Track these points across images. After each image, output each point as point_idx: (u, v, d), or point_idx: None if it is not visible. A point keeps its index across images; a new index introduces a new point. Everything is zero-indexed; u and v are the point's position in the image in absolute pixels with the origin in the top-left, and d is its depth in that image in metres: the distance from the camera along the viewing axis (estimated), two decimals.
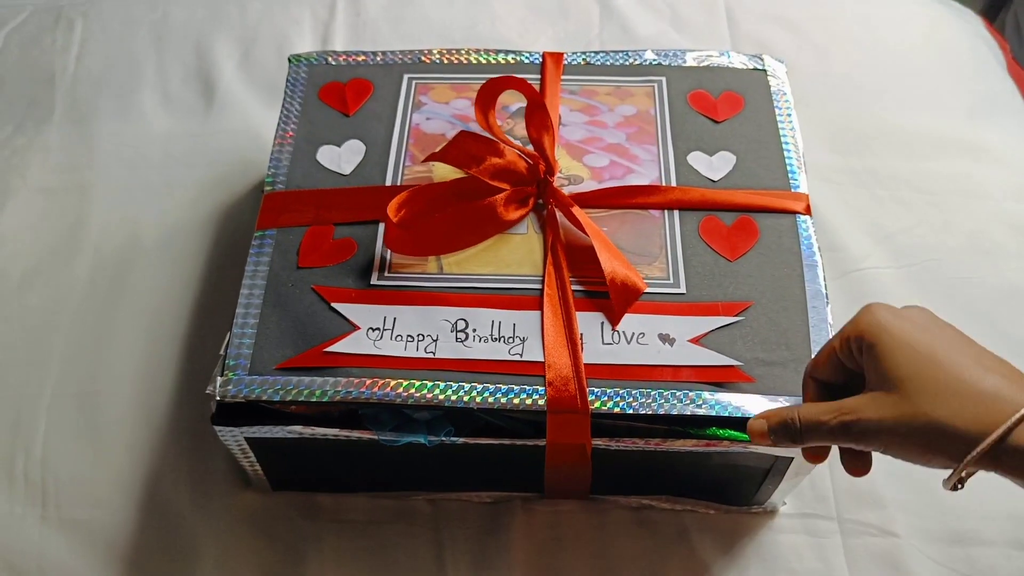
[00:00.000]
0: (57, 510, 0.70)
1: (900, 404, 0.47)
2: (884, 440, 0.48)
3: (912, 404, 0.47)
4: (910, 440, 0.47)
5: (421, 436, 0.59)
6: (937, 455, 0.47)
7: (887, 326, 0.49)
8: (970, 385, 0.46)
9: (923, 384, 0.47)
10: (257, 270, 0.65)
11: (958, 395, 0.46)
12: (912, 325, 0.49)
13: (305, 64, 0.77)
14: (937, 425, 0.46)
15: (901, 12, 1.04)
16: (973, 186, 0.87)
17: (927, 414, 0.46)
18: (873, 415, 0.48)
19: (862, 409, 0.48)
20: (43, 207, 0.86)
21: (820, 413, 0.50)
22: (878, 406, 0.48)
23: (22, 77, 0.97)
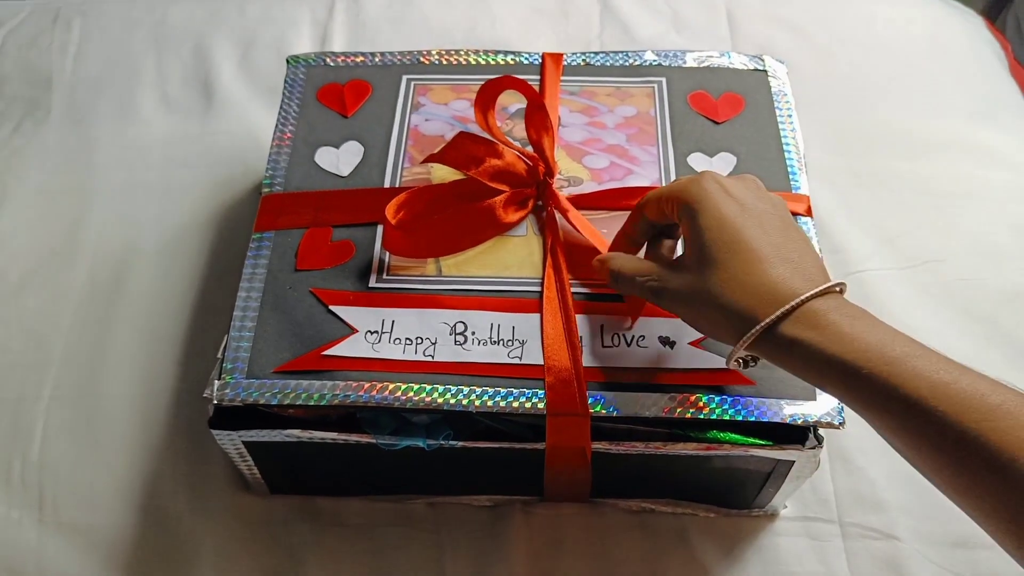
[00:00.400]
0: (55, 513, 0.70)
1: (697, 282, 0.51)
2: (681, 311, 0.54)
3: (706, 284, 0.51)
4: (702, 316, 0.52)
5: (420, 440, 0.59)
6: (722, 333, 0.52)
7: (712, 199, 0.52)
8: (759, 274, 0.49)
9: (720, 267, 0.50)
10: (255, 272, 0.64)
11: (745, 282, 0.49)
12: (732, 205, 0.52)
13: (303, 65, 0.77)
14: (722, 306, 0.50)
15: (903, 13, 1.03)
16: (975, 187, 0.87)
17: (717, 296, 0.50)
18: (674, 285, 0.53)
19: (668, 278, 0.54)
20: (41, 208, 0.86)
21: (637, 271, 0.56)
22: (681, 279, 0.53)
23: (20, 78, 0.97)
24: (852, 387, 0.47)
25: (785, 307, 0.48)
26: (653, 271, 0.55)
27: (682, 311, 0.54)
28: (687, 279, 0.52)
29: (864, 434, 0.71)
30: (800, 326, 0.48)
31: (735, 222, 0.51)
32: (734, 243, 0.50)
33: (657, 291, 0.54)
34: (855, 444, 0.71)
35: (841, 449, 0.71)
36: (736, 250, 0.50)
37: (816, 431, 0.58)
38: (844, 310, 0.48)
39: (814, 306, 0.48)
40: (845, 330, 0.47)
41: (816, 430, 0.58)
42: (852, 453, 0.71)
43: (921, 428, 0.45)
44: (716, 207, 0.52)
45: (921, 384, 0.44)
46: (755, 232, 0.51)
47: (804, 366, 0.48)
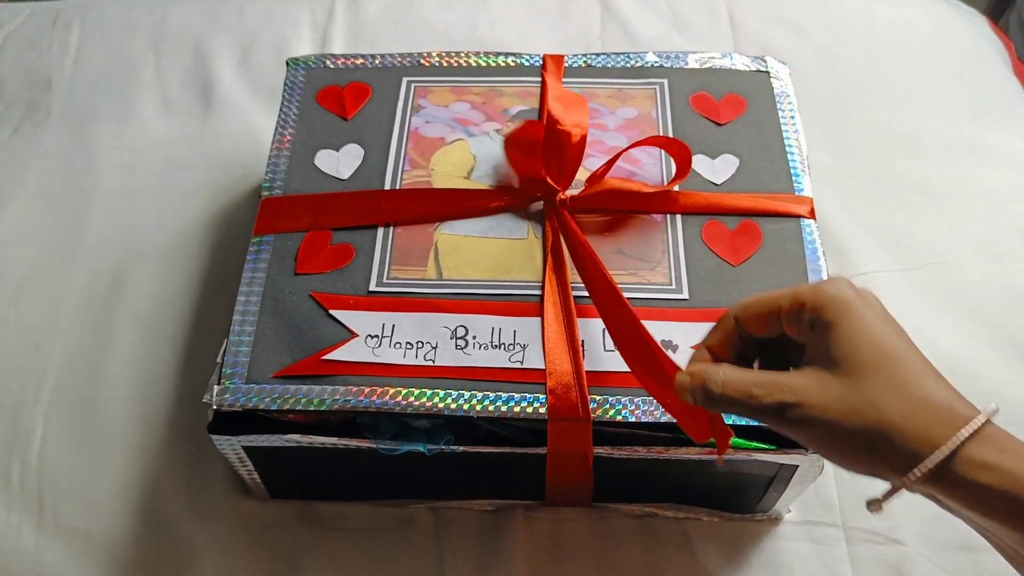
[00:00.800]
0: (53, 517, 0.69)
1: (851, 394, 0.41)
2: (821, 432, 0.42)
3: (866, 397, 0.40)
4: (851, 439, 0.41)
5: (420, 445, 0.59)
6: (878, 462, 0.41)
7: (852, 307, 0.43)
8: (929, 391, 0.41)
9: (882, 378, 0.41)
10: (254, 276, 0.64)
11: (915, 399, 0.40)
12: (876, 314, 0.43)
13: (303, 67, 0.76)
14: (888, 426, 0.40)
15: (905, 13, 1.03)
16: (978, 188, 0.86)
17: (880, 411, 0.40)
18: (818, 400, 0.41)
19: (806, 391, 0.42)
20: (40, 211, 0.86)
21: (751, 384, 0.43)
22: (824, 391, 0.42)
23: (19, 80, 0.97)
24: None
25: (972, 426, 0.39)
26: (776, 384, 0.43)
27: (823, 432, 0.42)
28: (834, 391, 0.41)
29: None
30: (987, 449, 0.39)
31: (886, 330, 0.43)
32: (893, 355, 0.42)
33: (786, 407, 0.42)
34: None
35: None
36: (898, 363, 0.41)
37: None
38: (1009, 438, 0.40)
39: (991, 429, 0.40)
40: (1012, 462, 0.39)
41: None
42: None
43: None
44: (863, 315, 0.43)
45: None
46: (909, 347, 0.43)
47: (984, 498, 0.39)
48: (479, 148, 0.71)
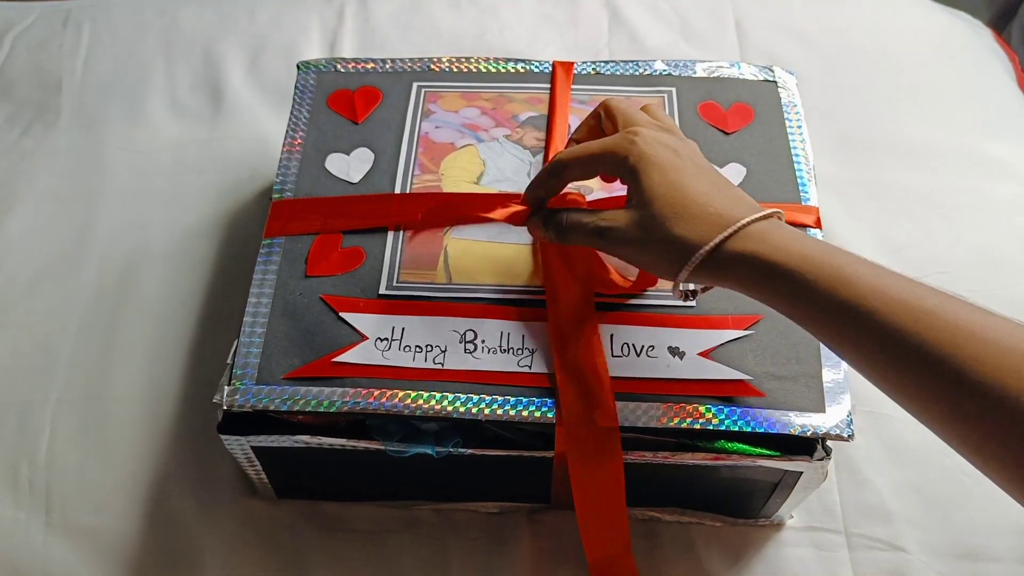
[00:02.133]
0: (62, 516, 0.70)
1: (642, 218, 0.53)
2: (630, 249, 0.55)
3: (652, 218, 0.53)
4: (650, 251, 0.54)
5: (428, 447, 0.59)
6: (666, 264, 0.53)
7: (650, 156, 0.54)
8: (703, 206, 0.52)
9: (664, 202, 0.53)
10: (265, 278, 0.64)
11: (692, 215, 0.52)
12: (668, 153, 0.55)
13: (314, 71, 0.77)
14: (671, 238, 0.52)
15: (911, 24, 1.03)
16: (983, 199, 0.87)
17: (662, 226, 0.52)
18: (622, 225, 0.54)
19: (617, 220, 0.55)
20: (50, 212, 0.86)
21: (583, 215, 0.57)
22: (628, 219, 0.54)
23: (30, 81, 0.97)
24: (796, 294, 0.49)
25: (732, 227, 0.51)
26: (600, 215, 0.56)
27: (631, 249, 0.55)
28: (634, 219, 0.54)
29: (872, 444, 0.72)
30: (745, 241, 0.51)
31: (675, 166, 0.54)
32: (677, 183, 0.53)
33: (602, 231, 0.55)
34: (862, 455, 0.72)
35: (848, 460, 0.71)
36: (680, 187, 0.53)
37: (824, 443, 0.58)
38: (785, 228, 0.52)
39: (758, 226, 0.51)
40: (788, 242, 0.50)
41: (824, 442, 0.58)
42: (859, 464, 0.71)
43: (862, 330, 0.47)
44: (654, 158, 0.54)
45: (862, 287, 0.47)
46: (694, 172, 0.54)
47: (748, 280, 0.51)
48: (489, 153, 0.71)
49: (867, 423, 0.72)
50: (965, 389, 0.44)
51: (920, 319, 0.45)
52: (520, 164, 0.71)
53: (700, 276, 0.53)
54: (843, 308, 0.47)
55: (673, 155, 0.55)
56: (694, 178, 0.54)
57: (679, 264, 0.52)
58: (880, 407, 0.73)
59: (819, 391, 0.59)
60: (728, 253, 0.51)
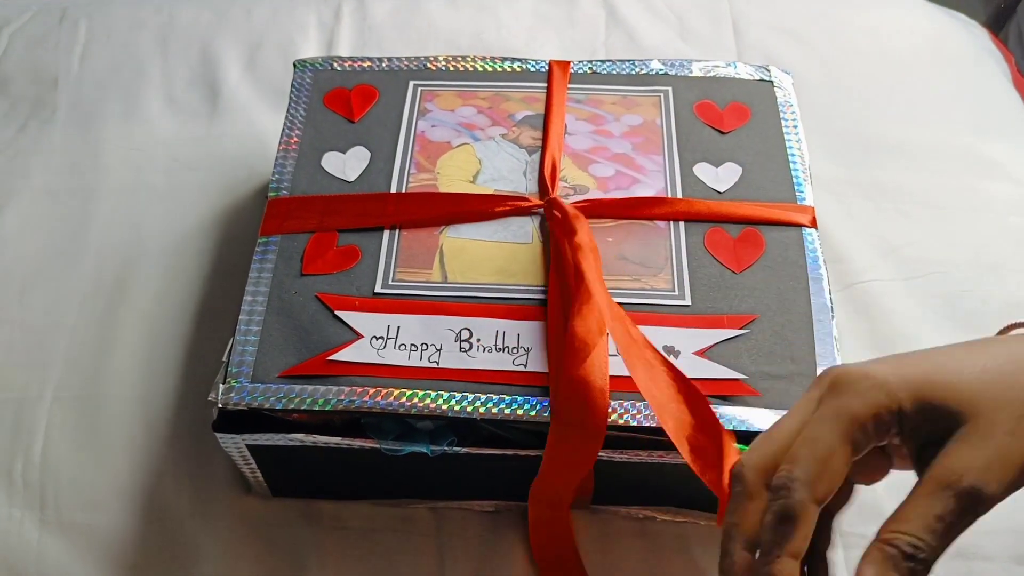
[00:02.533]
0: (56, 513, 0.70)
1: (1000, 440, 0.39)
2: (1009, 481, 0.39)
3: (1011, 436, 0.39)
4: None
5: (424, 446, 0.59)
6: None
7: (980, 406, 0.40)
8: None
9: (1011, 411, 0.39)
10: (260, 277, 0.64)
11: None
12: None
13: (310, 69, 0.77)
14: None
15: (907, 24, 1.03)
16: (979, 200, 0.87)
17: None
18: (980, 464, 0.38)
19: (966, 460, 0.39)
20: (46, 209, 0.86)
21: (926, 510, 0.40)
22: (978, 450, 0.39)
23: (26, 77, 0.97)
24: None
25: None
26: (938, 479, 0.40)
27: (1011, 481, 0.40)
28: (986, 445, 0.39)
29: None
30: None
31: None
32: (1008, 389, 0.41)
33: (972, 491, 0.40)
34: None
35: None
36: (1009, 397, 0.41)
37: None
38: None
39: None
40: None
41: None
42: None
43: None
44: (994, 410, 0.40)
45: None
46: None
47: None
48: (485, 152, 0.71)
49: None
50: None
51: None
52: (516, 163, 0.71)
53: None
54: None
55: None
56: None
57: None
58: None
59: None
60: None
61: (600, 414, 0.58)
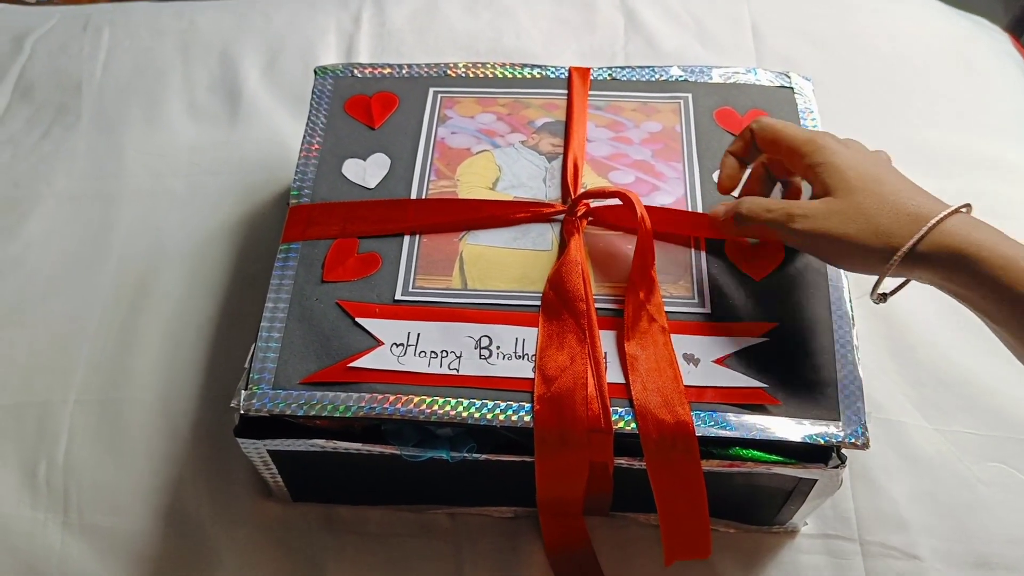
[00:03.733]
0: (79, 516, 0.70)
1: (846, 207, 0.56)
2: (823, 239, 0.56)
3: (857, 209, 0.55)
4: (847, 242, 0.55)
5: (443, 452, 0.59)
6: (870, 258, 0.55)
7: (837, 150, 0.58)
8: (905, 199, 0.55)
9: (867, 194, 0.56)
10: (282, 284, 0.65)
11: (894, 204, 0.55)
12: (857, 152, 0.59)
13: (331, 76, 0.77)
14: (875, 228, 0.54)
15: (928, 29, 1.03)
16: (1000, 206, 0.86)
17: (868, 218, 0.55)
18: (819, 212, 0.56)
19: (810, 207, 0.57)
20: (69, 214, 0.87)
21: (767, 204, 0.60)
22: (824, 206, 0.57)
23: (50, 84, 0.98)
24: (997, 294, 0.51)
25: (932, 221, 0.53)
26: (788, 204, 0.59)
27: (822, 239, 0.57)
28: (831, 205, 0.56)
29: (886, 452, 0.72)
30: (943, 236, 0.53)
31: (868, 163, 0.58)
32: (874, 177, 0.56)
33: (795, 217, 0.57)
34: (877, 462, 0.71)
35: (863, 467, 0.71)
36: (876, 180, 0.56)
37: (839, 450, 0.58)
38: (977, 224, 0.54)
39: (952, 221, 0.53)
40: (983, 238, 0.52)
41: (839, 449, 0.58)
42: (874, 471, 0.71)
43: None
44: (844, 152, 0.58)
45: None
46: (885, 169, 0.58)
47: (944, 273, 0.53)
48: (504, 159, 0.71)
49: (882, 431, 0.72)
50: None
51: None
52: (536, 170, 0.71)
53: (897, 270, 0.55)
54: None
55: (861, 151, 0.60)
56: (889, 173, 0.57)
57: (883, 258, 0.54)
58: (895, 415, 0.74)
59: (834, 399, 0.59)
60: (926, 248, 0.53)
61: (579, 423, 0.58)
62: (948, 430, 0.73)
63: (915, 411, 0.74)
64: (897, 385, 0.75)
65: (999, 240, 0.52)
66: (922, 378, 0.75)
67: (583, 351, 0.60)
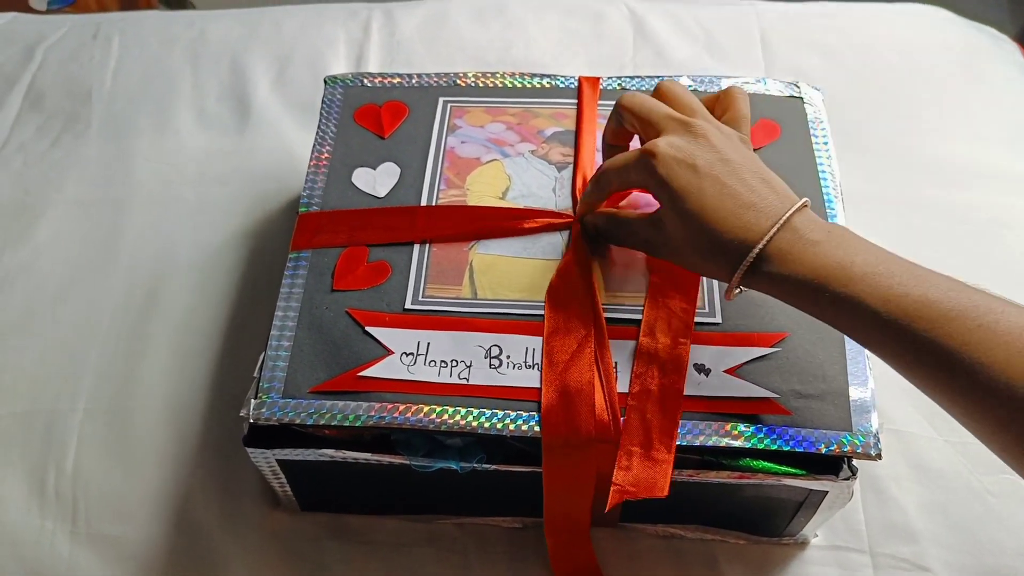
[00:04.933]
0: (87, 525, 0.70)
1: (679, 220, 0.55)
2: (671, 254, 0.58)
3: (679, 252, 0.57)
4: (694, 255, 0.56)
5: (453, 463, 0.59)
6: (716, 270, 0.55)
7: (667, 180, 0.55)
8: (721, 235, 0.53)
9: (687, 239, 0.55)
10: (292, 292, 0.65)
11: (713, 248, 0.54)
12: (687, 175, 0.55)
13: (341, 86, 0.77)
14: (716, 242, 0.54)
15: (937, 39, 1.03)
16: (1010, 217, 0.86)
17: (690, 261, 0.56)
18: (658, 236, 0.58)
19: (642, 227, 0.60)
20: (78, 222, 0.87)
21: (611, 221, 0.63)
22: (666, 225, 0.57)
23: (60, 92, 0.98)
24: (824, 307, 0.52)
25: (748, 259, 0.53)
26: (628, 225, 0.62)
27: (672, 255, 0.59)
28: (673, 225, 0.56)
29: (897, 463, 0.72)
30: (772, 263, 0.53)
31: (692, 189, 0.55)
32: (696, 212, 0.54)
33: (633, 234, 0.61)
34: (887, 473, 0.71)
35: (873, 478, 0.71)
36: (699, 216, 0.54)
37: (850, 462, 0.58)
38: (808, 236, 0.53)
39: (779, 241, 0.52)
40: (808, 257, 0.52)
41: (850, 461, 0.58)
42: (884, 483, 0.71)
43: (882, 339, 0.50)
44: (674, 183, 0.55)
45: (875, 300, 0.49)
46: (713, 191, 0.54)
47: (785, 297, 0.54)
48: (514, 169, 0.71)
49: (893, 442, 0.72)
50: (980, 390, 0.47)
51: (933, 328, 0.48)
52: (545, 179, 0.71)
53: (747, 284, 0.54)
54: (863, 321, 0.50)
55: (691, 174, 0.55)
56: (713, 199, 0.54)
57: (726, 266, 0.54)
58: (906, 426, 0.73)
59: (846, 409, 0.59)
60: (761, 274, 0.53)
61: (584, 430, 0.58)
62: (958, 442, 0.72)
63: (925, 422, 0.74)
64: (908, 396, 0.75)
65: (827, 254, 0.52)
66: None
67: (590, 347, 0.60)
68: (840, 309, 0.51)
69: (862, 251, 0.52)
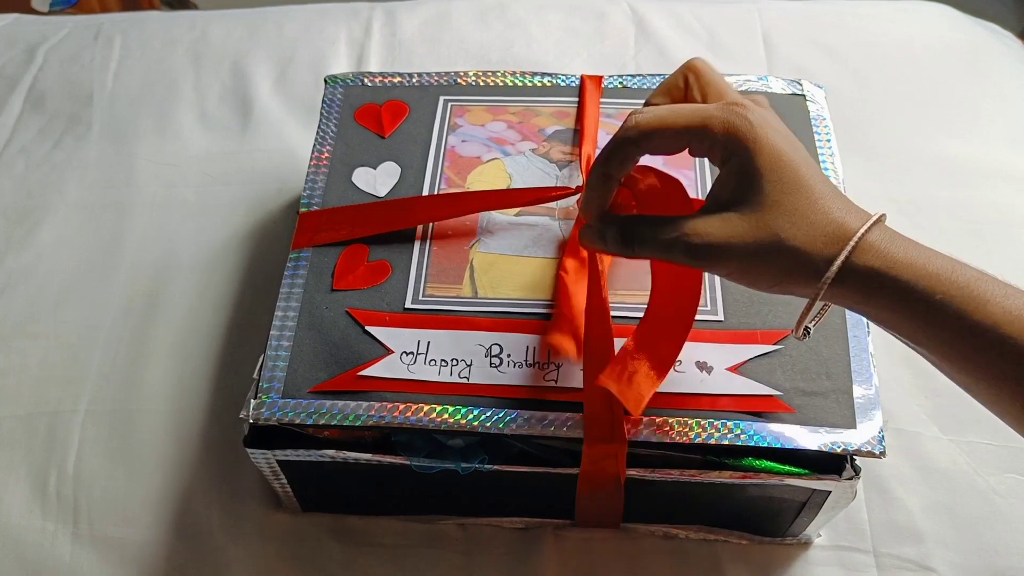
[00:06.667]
0: (89, 527, 0.70)
1: (755, 229, 0.46)
2: (733, 265, 0.47)
3: (770, 229, 0.46)
4: (760, 266, 0.47)
5: (454, 463, 0.59)
6: (789, 283, 0.47)
7: (766, 140, 0.46)
8: (825, 213, 0.46)
9: (784, 209, 0.46)
10: (292, 292, 0.65)
11: (812, 223, 0.45)
12: (782, 140, 0.47)
13: (341, 85, 0.77)
14: (793, 250, 0.45)
15: (941, 36, 1.02)
16: (1016, 215, 0.86)
17: (786, 240, 0.45)
18: (722, 237, 0.46)
19: (714, 231, 0.46)
20: (80, 223, 0.87)
21: (660, 227, 0.48)
22: (728, 227, 0.46)
23: (61, 93, 0.98)
24: (925, 315, 0.45)
25: (853, 240, 0.45)
26: (682, 227, 0.47)
27: (734, 265, 0.47)
28: (739, 227, 0.46)
29: (901, 463, 0.71)
30: (866, 255, 0.45)
31: (792, 159, 0.46)
32: (795, 181, 0.46)
33: (693, 248, 0.47)
34: (891, 473, 0.71)
35: (877, 478, 0.71)
36: (799, 186, 0.46)
37: (853, 461, 0.58)
38: (898, 238, 0.46)
39: (873, 236, 0.46)
40: (909, 256, 0.45)
41: (853, 460, 0.58)
42: (888, 482, 0.70)
43: (995, 356, 0.44)
44: (771, 144, 0.46)
45: (995, 310, 0.44)
46: (808, 168, 0.47)
47: (869, 297, 0.46)
48: (515, 167, 0.71)
49: (897, 441, 0.71)
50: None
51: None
52: (546, 178, 0.70)
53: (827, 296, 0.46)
54: (974, 333, 0.44)
55: (788, 143, 0.47)
56: (812, 176, 0.46)
57: (804, 283, 0.46)
58: (909, 425, 0.73)
59: (850, 407, 0.58)
60: (854, 270, 0.45)
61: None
62: (963, 441, 0.72)
63: (930, 421, 0.73)
64: (911, 395, 0.74)
65: (932, 259, 0.46)
66: (937, 388, 0.75)
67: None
68: (946, 317, 0.44)
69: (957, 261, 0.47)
